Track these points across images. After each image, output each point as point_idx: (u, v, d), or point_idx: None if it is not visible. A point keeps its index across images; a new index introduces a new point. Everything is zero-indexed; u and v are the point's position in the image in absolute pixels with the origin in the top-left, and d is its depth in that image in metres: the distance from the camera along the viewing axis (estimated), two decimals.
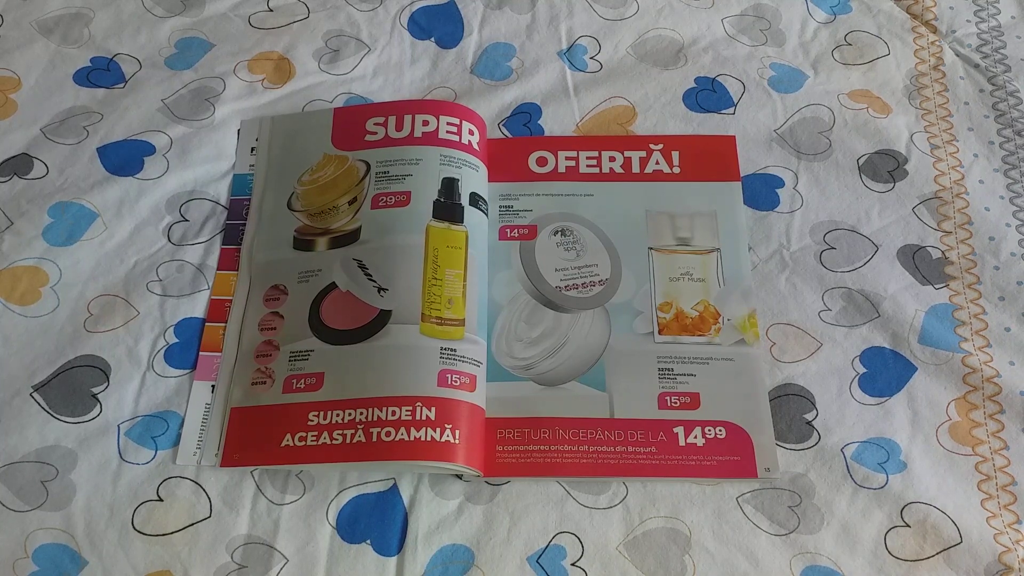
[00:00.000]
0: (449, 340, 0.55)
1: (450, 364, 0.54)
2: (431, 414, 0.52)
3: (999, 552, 0.51)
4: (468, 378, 0.54)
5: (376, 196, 0.61)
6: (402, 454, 0.52)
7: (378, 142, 0.63)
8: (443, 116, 0.63)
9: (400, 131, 0.63)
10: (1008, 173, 0.65)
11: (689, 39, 0.72)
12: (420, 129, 0.63)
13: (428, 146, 0.62)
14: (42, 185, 0.62)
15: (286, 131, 0.66)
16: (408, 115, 0.64)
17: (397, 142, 0.63)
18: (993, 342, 0.58)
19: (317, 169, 0.63)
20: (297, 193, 0.62)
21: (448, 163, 0.61)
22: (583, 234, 0.62)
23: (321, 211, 0.61)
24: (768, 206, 0.63)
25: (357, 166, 0.63)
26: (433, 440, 0.52)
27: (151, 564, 0.50)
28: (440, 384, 0.54)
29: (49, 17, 0.71)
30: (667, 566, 0.51)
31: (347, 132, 0.64)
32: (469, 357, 0.55)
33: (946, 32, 0.73)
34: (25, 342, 0.56)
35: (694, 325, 0.58)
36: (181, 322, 0.58)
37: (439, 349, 0.55)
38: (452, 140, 0.62)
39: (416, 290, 0.56)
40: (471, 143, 0.63)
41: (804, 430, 0.55)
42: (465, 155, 0.62)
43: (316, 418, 0.53)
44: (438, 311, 0.56)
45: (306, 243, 0.60)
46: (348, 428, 0.53)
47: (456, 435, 0.52)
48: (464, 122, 0.63)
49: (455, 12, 0.73)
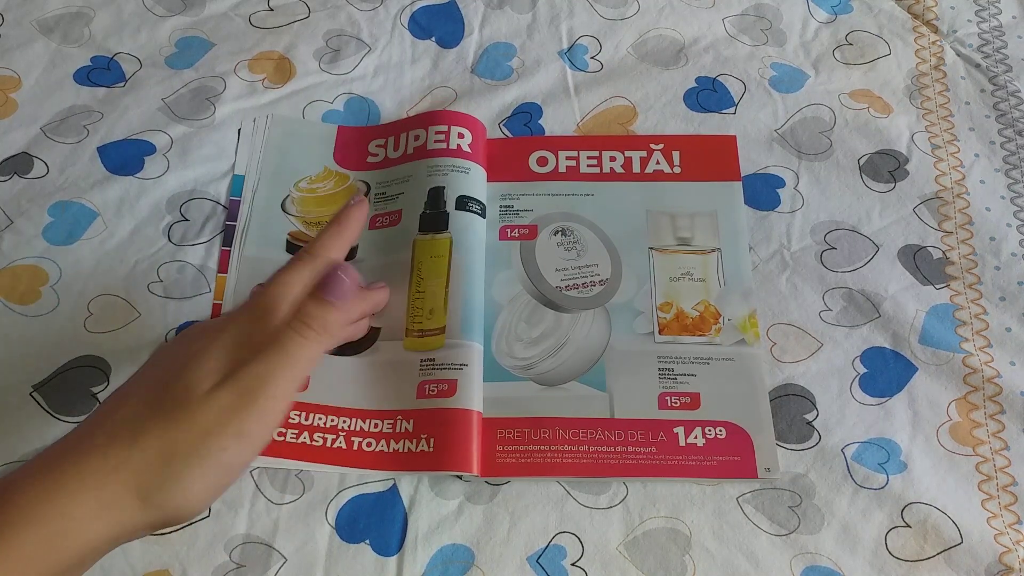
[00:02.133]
0: (429, 350, 0.55)
1: (428, 374, 0.54)
2: (409, 427, 0.53)
3: (1000, 552, 0.51)
4: (447, 384, 0.54)
5: (374, 217, 0.61)
6: (379, 465, 0.52)
7: (378, 164, 0.64)
8: (432, 127, 0.63)
9: (397, 151, 0.64)
10: (1009, 173, 0.65)
11: (690, 39, 0.72)
12: (412, 145, 0.63)
13: (417, 161, 0.62)
14: (42, 184, 0.62)
15: (288, 132, 0.66)
16: (404, 133, 0.64)
17: (394, 162, 0.64)
18: (994, 342, 0.58)
19: (317, 179, 0.63)
20: (293, 197, 0.62)
21: (435, 172, 0.61)
22: (583, 234, 0.62)
23: (318, 221, 0.61)
24: (769, 206, 0.63)
25: (358, 186, 0.63)
26: (409, 451, 0.52)
27: (149, 564, 0.50)
28: (419, 396, 0.54)
29: (49, 16, 0.71)
30: (667, 566, 0.51)
31: (350, 152, 0.65)
32: (449, 363, 0.55)
33: (947, 32, 0.73)
34: (25, 341, 0.56)
35: (694, 325, 0.58)
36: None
37: (419, 361, 0.55)
38: (439, 149, 0.62)
39: (403, 307, 0.57)
40: (460, 146, 0.62)
41: (804, 430, 0.55)
42: (452, 160, 0.62)
43: (297, 417, 0.54)
44: (419, 323, 0.56)
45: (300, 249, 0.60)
46: (329, 433, 0.53)
47: (431, 444, 0.52)
48: (452, 127, 0.63)
49: (456, 12, 0.73)
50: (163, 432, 0.39)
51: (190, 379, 0.41)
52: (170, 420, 0.39)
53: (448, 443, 0.52)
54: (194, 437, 0.39)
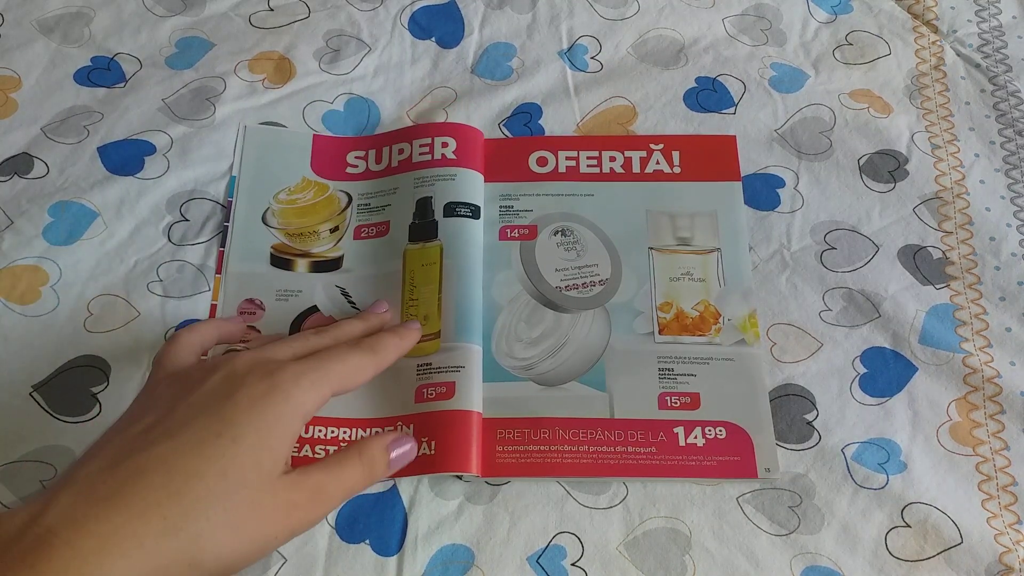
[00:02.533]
0: (425, 355, 0.55)
1: (426, 378, 0.54)
2: (410, 431, 0.53)
3: (1000, 552, 0.51)
4: (445, 387, 0.54)
5: (358, 227, 0.61)
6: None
7: (359, 175, 0.64)
8: (415, 139, 0.64)
9: (379, 163, 0.64)
10: (1009, 173, 0.65)
11: (690, 39, 0.72)
12: (396, 158, 0.63)
13: (403, 173, 0.63)
14: (42, 184, 0.62)
15: (264, 143, 0.65)
16: (386, 147, 0.64)
17: (376, 174, 0.64)
18: (994, 342, 0.58)
19: (295, 191, 0.63)
20: (273, 210, 0.62)
21: (421, 184, 0.61)
22: (583, 234, 0.62)
23: (300, 233, 0.61)
24: (769, 206, 0.63)
25: (338, 196, 0.63)
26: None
27: None
28: (418, 400, 0.54)
29: (49, 16, 0.71)
30: (667, 566, 0.51)
31: (327, 161, 0.65)
32: (446, 366, 0.55)
33: (947, 32, 0.73)
34: (25, 341, 0.56)
35: (694, 325, 0.58)
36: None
37: (416, 367, 0.55)
38: (424, 160, 0.62)
39: (396, 316, 0.57)
40: (444, 155, 0.62)
41: (804, 430, 0.55)
42: (437, 170, 0.62)
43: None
44: None
45: (285, 262, 0.60)
46: (331, 444, 0.53)
47: (432, 446, 0.52)
48: (436, 138, 0.63)
49: (456, 12, 0.73)
50: (228, 504, 0.38)
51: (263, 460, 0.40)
52: (238, 495, 0.38)
53: (448, 445, 0.52)
54: (264, 521, 0.39)
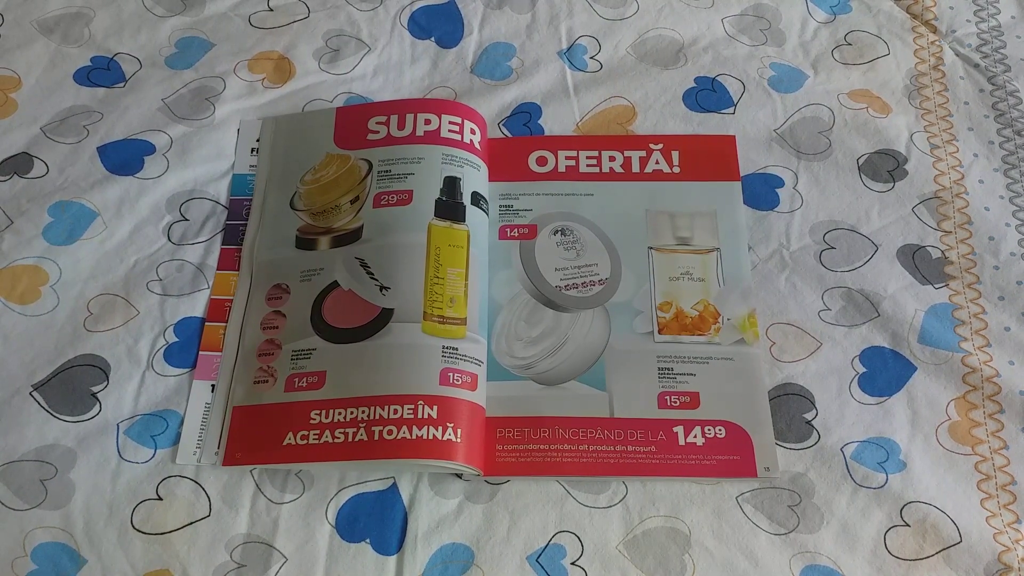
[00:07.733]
0: (451, 339, 0.55)
1: (452, 363, 0.54)
2: (433, 412, 0.52)
3: (998, 551, 0.51)
4: (470, 377, 0.54)
5: (378, 195, 0.61)
6: (405, 452, 0.51)
7: (380, 141, 0.63)
8: (445, 115, 0.63)
9: (402, 130, 0.63)
10: (1008, 173, 0.65)
11: (689, 39, 0.72)
12: (422, 128, 0.63)
13: (430, 145, 0.62)
14: (42, 184, 0.62)
15: (289, 131, 0.66)
16: (410, 114, 0.64)
17: (399, 141, 0.63)
18: (993, 342, 0.58)
19: (319, 168, 0.63)
20: (300, 193, 0.62)
21: (450, 162, 0.61)
22: (583, 234, 0.62)
23: (323, 210, 0.61)
24: (768, 206, 0.63)
25: (359, 165, 0.63)
26: (435, 439, 0.51)
27: (150, 563, 0.50)
28: (442, 383, 0.53)
29: (49, 16, 0.72)
30: (667, 565, 0.51)
31: (349, 131, 0.64)
32: (471, 356, 0.55)
33: (946, 32, 0.73)
34: (25, 341, 0.56)
35: (694, 325, 0.58)
36: (181, 321, 0.58)
37: (441, 347, 0.55)
38: (455, 139, 0.62)
39: (418, 289, 0.56)
40: (473, 142, 0.63)
41: (804, 429, 0.55)
42: (467, 154, 0.62)
43: (318, 416, 0.53)
44: (440, 310, 0.56)
45: (308, 242, 0.60)
46: (350, 426, 0.53)
47: (458, 434, 0.52)
48: (466, 121, 0.63)
49: (455, 12, 0.73)
50: None
51: None
52: None
53: (472, 437, 0.52)
54: None
